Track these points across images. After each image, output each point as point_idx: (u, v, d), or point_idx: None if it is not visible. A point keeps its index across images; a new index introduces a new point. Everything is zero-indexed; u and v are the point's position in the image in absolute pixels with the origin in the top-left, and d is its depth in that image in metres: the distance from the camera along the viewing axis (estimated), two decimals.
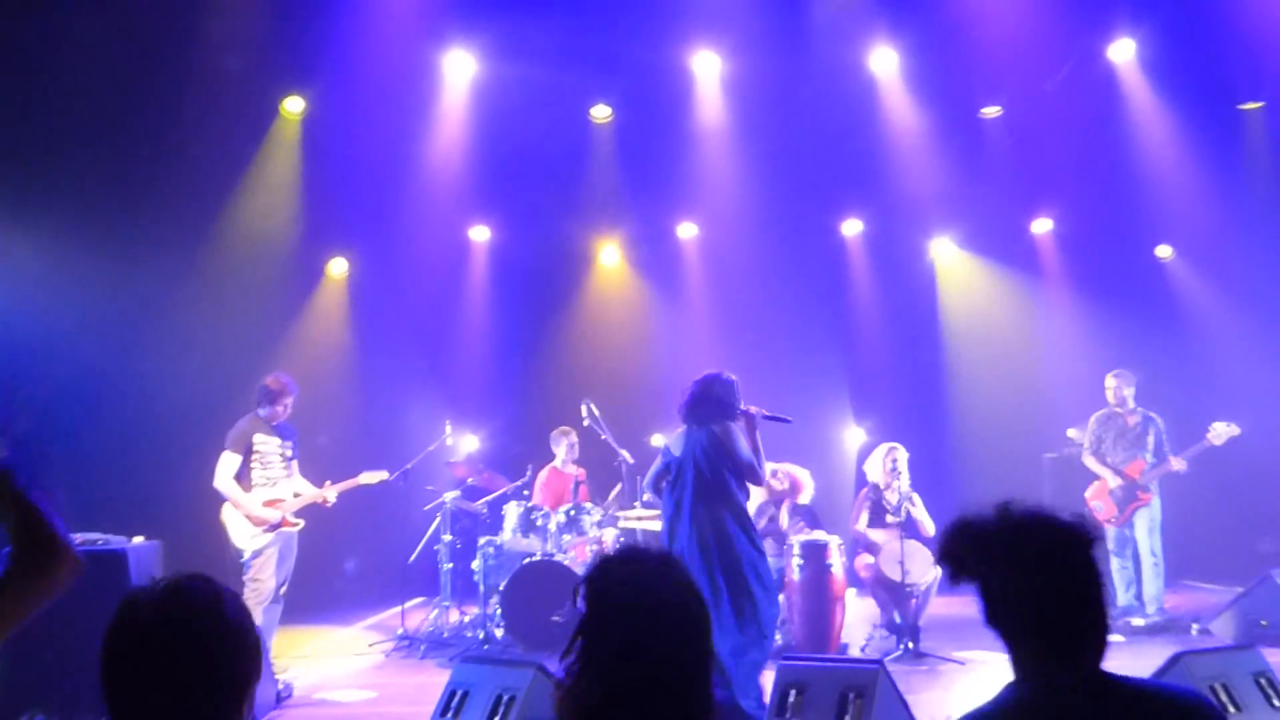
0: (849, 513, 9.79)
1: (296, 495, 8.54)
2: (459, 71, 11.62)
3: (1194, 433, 9.95)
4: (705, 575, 6.60)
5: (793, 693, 5.27)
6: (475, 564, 9.62)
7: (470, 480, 10.31)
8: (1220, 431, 9.61)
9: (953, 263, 14.16)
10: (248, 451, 8.33)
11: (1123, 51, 11.73)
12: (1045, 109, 12.11)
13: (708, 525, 6.80)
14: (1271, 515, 11.85)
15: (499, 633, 9.17)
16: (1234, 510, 11.81)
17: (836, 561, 8.59)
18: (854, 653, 8.80)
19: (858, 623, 9.44)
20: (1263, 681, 4.82)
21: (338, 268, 13.08)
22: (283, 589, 8.46)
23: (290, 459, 8.60)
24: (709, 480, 6.92)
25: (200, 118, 10.64)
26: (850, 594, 9.09)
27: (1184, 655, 4.86)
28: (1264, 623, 8.51)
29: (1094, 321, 13.23)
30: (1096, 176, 12.71)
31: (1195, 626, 9.14)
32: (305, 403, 9.12)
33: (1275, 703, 4.77)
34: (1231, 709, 4.67)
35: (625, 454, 9.99)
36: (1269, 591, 8.58)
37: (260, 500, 8.31)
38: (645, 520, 9.97)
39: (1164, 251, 13.49)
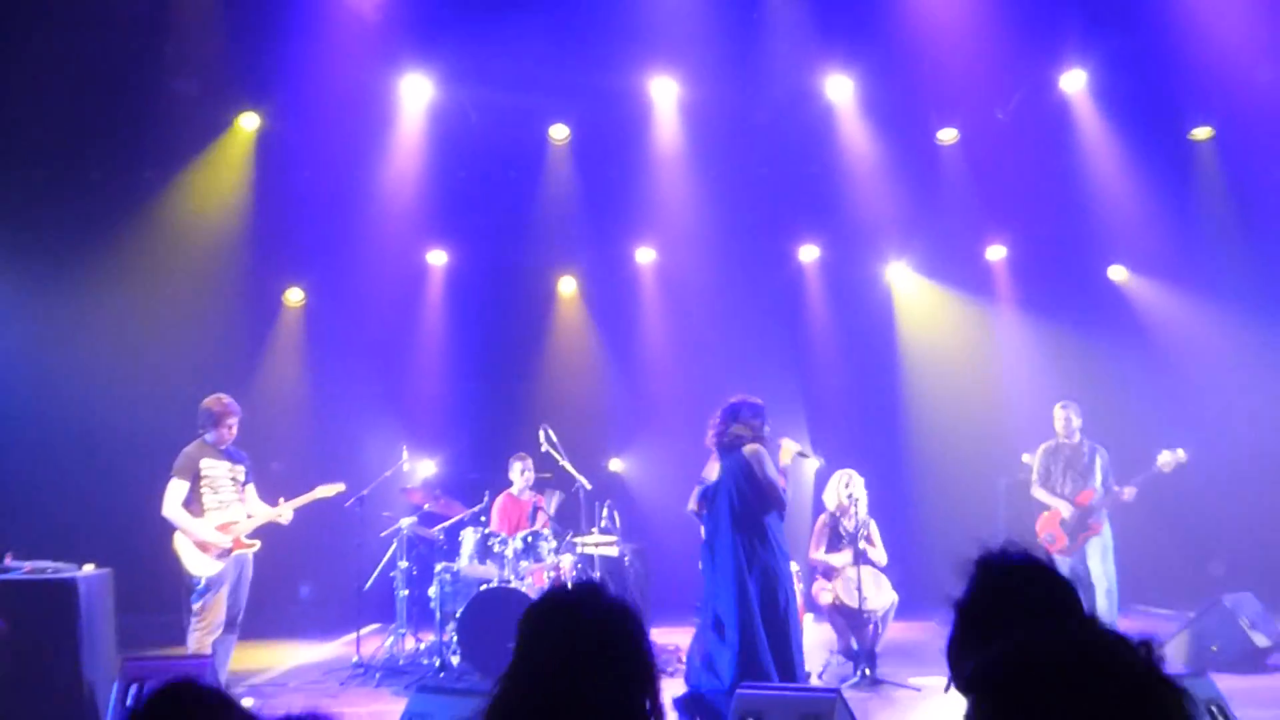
0: (806, 539, 9.81)
1: (250, 516, 8.45)
2: (416, 95, 11.61)
3: (1145, 457, 10.05)
4: (739, 593, 7.12)
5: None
6: (432, 591, 9.54)
7: (427, 506, 10.23)
8: (1167, 459, 9.67)
9: (909, 288, 14.27)
10: (195, 477, 8.22)
11: (1074, 82, 11.91)
12: (999, 137, 12.27)
13: (740, 547, 7.26)
14: (1220, 539, 12.01)
15: (455, 660, 9.09)
16: (1183, 534, 11.94)
17: (794, 588, 8.59)
18: (811, 680, 8.80)
19: (815, 649, 9.44)
20: (1214, 709, 4.87)
21: (294, 295, 13.01)
22: (238, 617, 8.36)
23: (243, 482, 8.50)
24: (739, 506, 7.36)
25: (154, 141, 10.58)
26: (808, 620, 9.11)
27: None
28: (1214, 647, 8.60)
29: (1048, 347, 13.38)
30: (1049, 203, 12.89)
31: None
32: (260, 428, 9.04)
33: None
34: None
35: (582, 479, 9.97)
36: (1219, 616, 8.68)
37: (212, 525, 8.21)
38: (603, 546, 9.96)
39: (1118, 274, 13.64)
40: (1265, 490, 11.67)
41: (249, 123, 11.50)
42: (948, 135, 12.56)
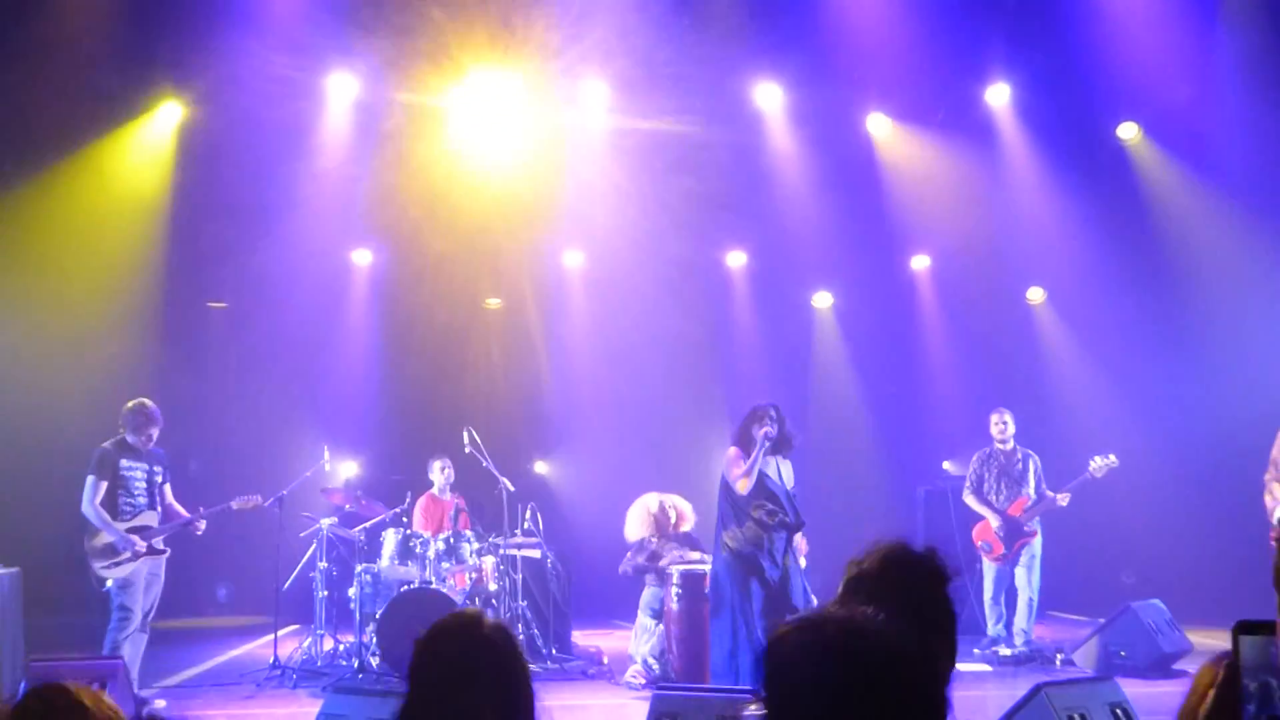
0: None
1: (164, 522, 8.33)
2: (341, 93, 11.51)
3: (1063, 468, 10.23)
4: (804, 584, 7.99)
5: None
6: (351, 591, 9.46)
7: (347, 507, 10.14)
8: (1100, 464, 9.83)
9: (834, 294, 14.41)
10: (113, 477, 8.10)
11: (998, 95, 12.12)
12: (926, 147, 12.45)
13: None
14: (1132, 548, 12.28)
15: (374, 661, 9.01)
16: (1097, 543, 12.19)
17: None
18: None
19: None
20: (1119, 712, 4.99)
21: (214, 296, 12.86)
22: (149, 618, 8.23)
23: (160, 485, 8.38)
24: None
25: (69, 135, 10.40)
26: None
27: (1044, 686, 5.01)
28: (1123, 654, 8.79)
29: (967, 356, 13.59)
30: (973, 215, 13.08)
31: (1059, 657, 9.39)
32: (178, 427, 8.91)
33: None
34: None
35: (506, 481, 9.94)
36: (1128, 623, 8.87)
37: (124, 528, 8.08)
38: (525, 549, 9.95)
39: (1034, 295, 13.89)
40: (1175, 503, 11.96)
41: (170, 120, 11.33)
42: (879, 126, 12.62)
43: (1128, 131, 12.27)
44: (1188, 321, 12.27)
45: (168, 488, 8.47)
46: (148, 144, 11.54)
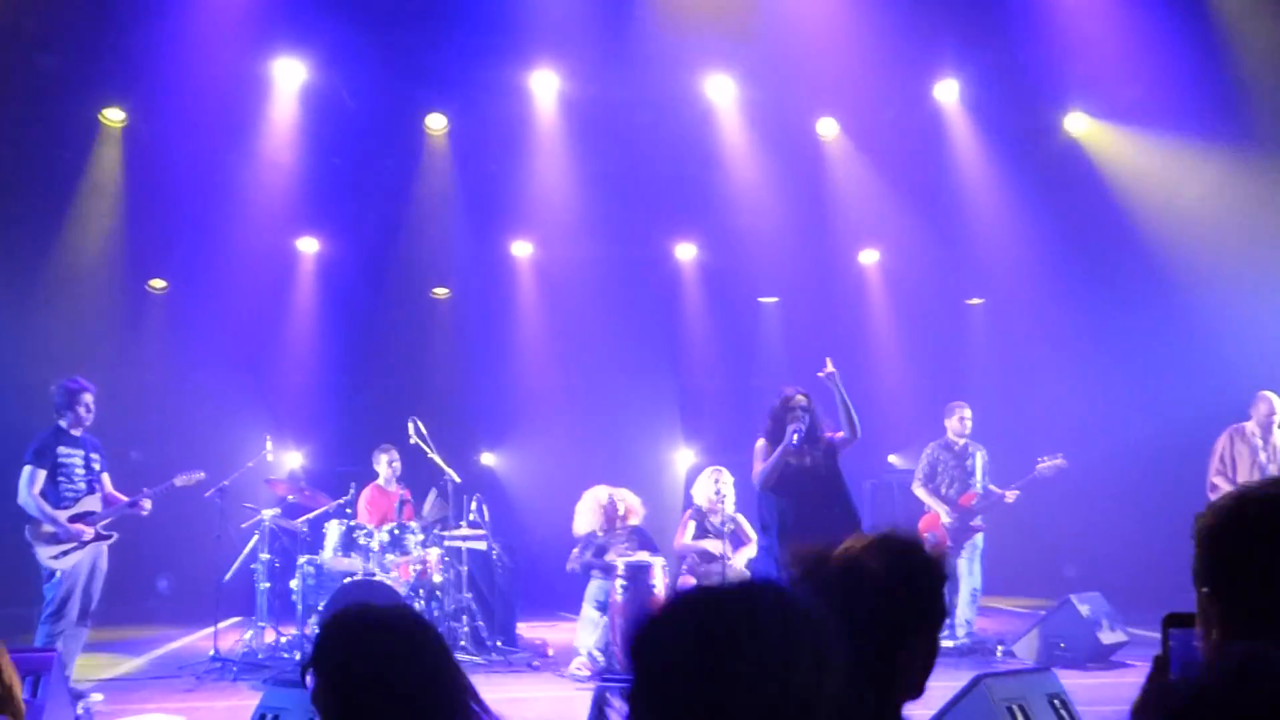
0: (677, 533, 9.86)
1: (109, 505, 8.20)
2: (288, 79, 11.37)
3: (1008, 464, 10.33)
4: None
5: (610, 715, 5.28)
6: (294, 583, 9.37)
7: (291, 498, 10.04)
8: (1048, 464, 9.96)
9: (783, 287, 14.45)
10: (52, 466, 7.96)
11: (947, 92, 12.18)
12: (876, 143, 12.49)
13: None
14: (1074, 542, 12.43)
15: None
16: (1040, 536, 12.33)
17: (660, 583, 8.64)
18: None
19: None
20: (1057, 703, 5.04)
21: (158, 281, 12.67)
22: (90, 609, 8.10)
23: (98, 471, 8.25)
24: None
25: (14, 128, 10.21)
26: None
27: (984, 677, 5.05)
28: (1062, 645, 8.89)
29: (913, 351, 13.69)
30: (922, 211, 13.17)
31: (1000, 648, 9.47)
32: (120, 415, 8.79)
33: None
34: None
35: (452, 473, 9.89)
36: (1068, 615, 8.97)
37: (68, 514, 7.95)
38: (471, 541, 9.89)
39: (978, 299, 14.05)
40: (1117, 498, 12.12)
41: (114, 114, 11.16)
42: (827, 128, 12.67)
43: (1077, 124, 12.37)
44: (1136, 319, 12.41)
45: (106, 477, 8.33)
46: (98, 144, 11.37)
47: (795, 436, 7.59)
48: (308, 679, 2.41)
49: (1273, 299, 11.19)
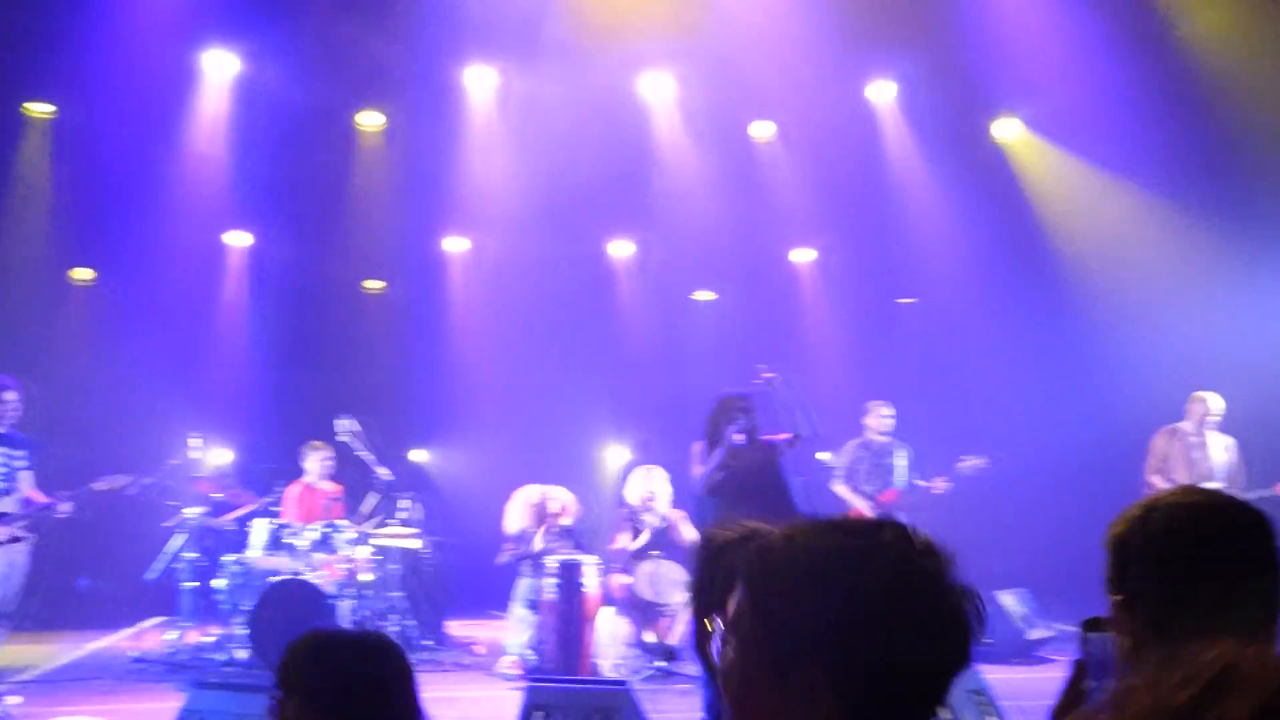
0: (609, 532, 9.86)
1: (28, 506, 8.02)
2: (219, 71, 11.19)
3: (939, 464, 10.44)
4: None
5: (539, 715, 5.25)
6: (219, 582, 9.22)
7: (217, 496, 9.88)
8: (969, 463, 10.13)
9: (717, 285, 14.50)
10: None
11: (882, 93, 12.28)
12: (811, 142, 12.55)
13: None
14: (1001, 537, 12.58)
15: (242, 654, 8.80)
16: (968, 532, 12.43)
17: (591, 582, 8.62)
18: (606, 671, 8.85)
19: (612, 642, 9.49)
20: (979, 698, 5.10)
21: (83, 272, 12.42)
22: (9, 609, 7.92)
23: (17, 469, 8.05)
24: None
25: None
26: (606, 613, 9.13)
27: None
28: (988, 640, 8.99)
29: (846, 350, 13.78)
30: (856, 211, 13.26)
31: None
32: (42, 411, 8.59)
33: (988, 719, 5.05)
34: None
35: (383, 471, 9.79)
36: (993, 611, 9.07)
37: None
38: (401, 539, 9.81)
39: (906, 300, 14.21)
40: (1044, 495, 12.28)
41: (41, 107, 10.95)
42: (761, 130, 12.72)
43: (1009, 129, 12.53)
44: (1065, 321, 12.58)
45: (28, 475, 8.14)
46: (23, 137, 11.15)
47: (735, 439, 7.61)
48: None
49: (1193, 306, 11.40)
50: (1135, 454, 9.69)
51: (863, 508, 10.08)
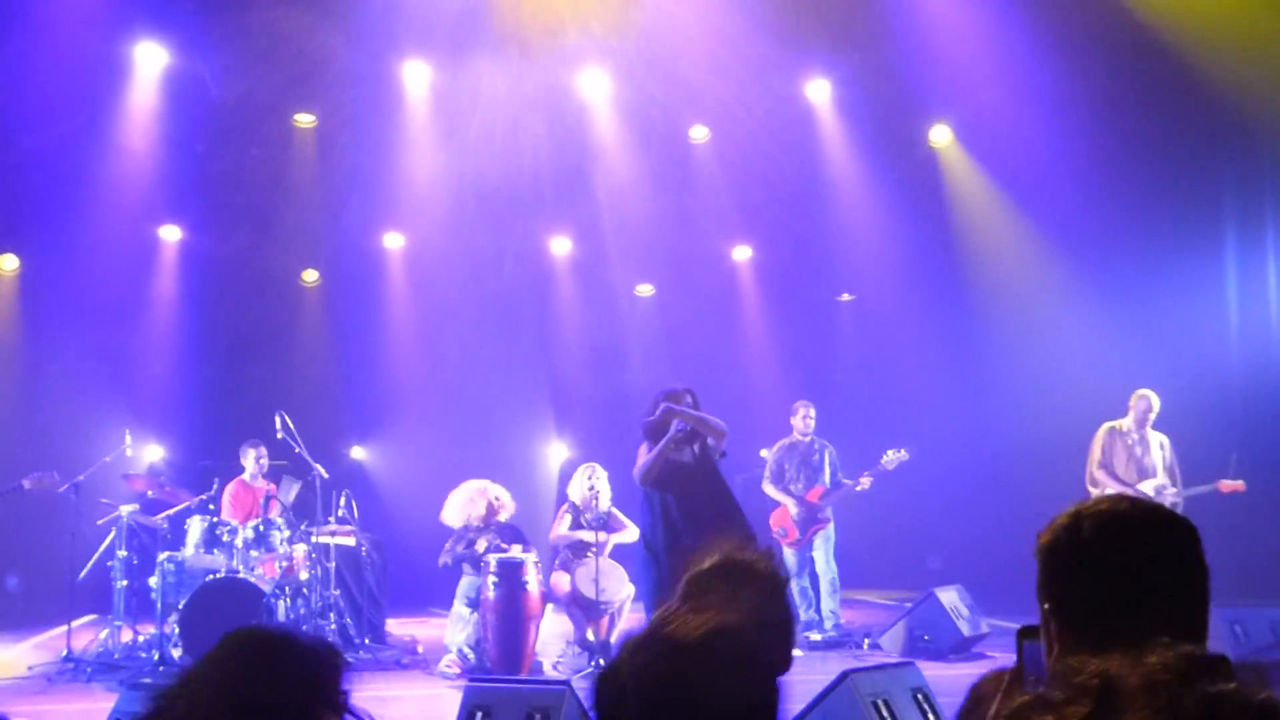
0: (548, 527, 9.83)
1: None
2: (149, 63, 11.01)
3: (870, 459, 10.55)
4: None
5: (479, 714, 5.23)
6: (153, 581, 9.06)
7: (150, 493, 9.72)
8: (891, 458, 10.30)
9: (656, 283, 14.52)
10: None
11: (819, 91, 12.36)
12: (748, 140, 12.61)
13: None
14: (937, 534, 12.75)
15: (177, 653, 8.65)
16: (905, 530, 12.62)
17: (533, 580, 8.58)
18: (547, 670, 8.83)
19: (553, 640, 9.48)
20: (920, 697, 5.17)
21: (8, 262, 12.16)
22: None
23: None
24: None
25: None
26: (546, 611, 9.11)
27: (850, 673, 5.14)
28: (926, 637, 9.11)
29: (784, 347, 13.87)
30: (791, 209, 13.35)
31: (867, 641, 9.66)
32: None
33: (930, 718, 5.12)
34: None
35: (319, 468, 9.68)
36: (931, 608, 9.19)
37: None
38: (339, 537, 9.72)
39: (845, 297, 14.35)
40: (977, 493, 12.44)
41: None
42: (699, 134, 12.80)
43: (941, 136, 12.70)
44: (997, 319, 12.76)
45: None
46: None
47: (676, 427, 7.48)
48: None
49: (1124, 305, 11.61)
50: (1070, 450, 9.86)
51: (790, 505, 10.23)
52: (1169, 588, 1.77)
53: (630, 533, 9.26)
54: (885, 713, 5.03)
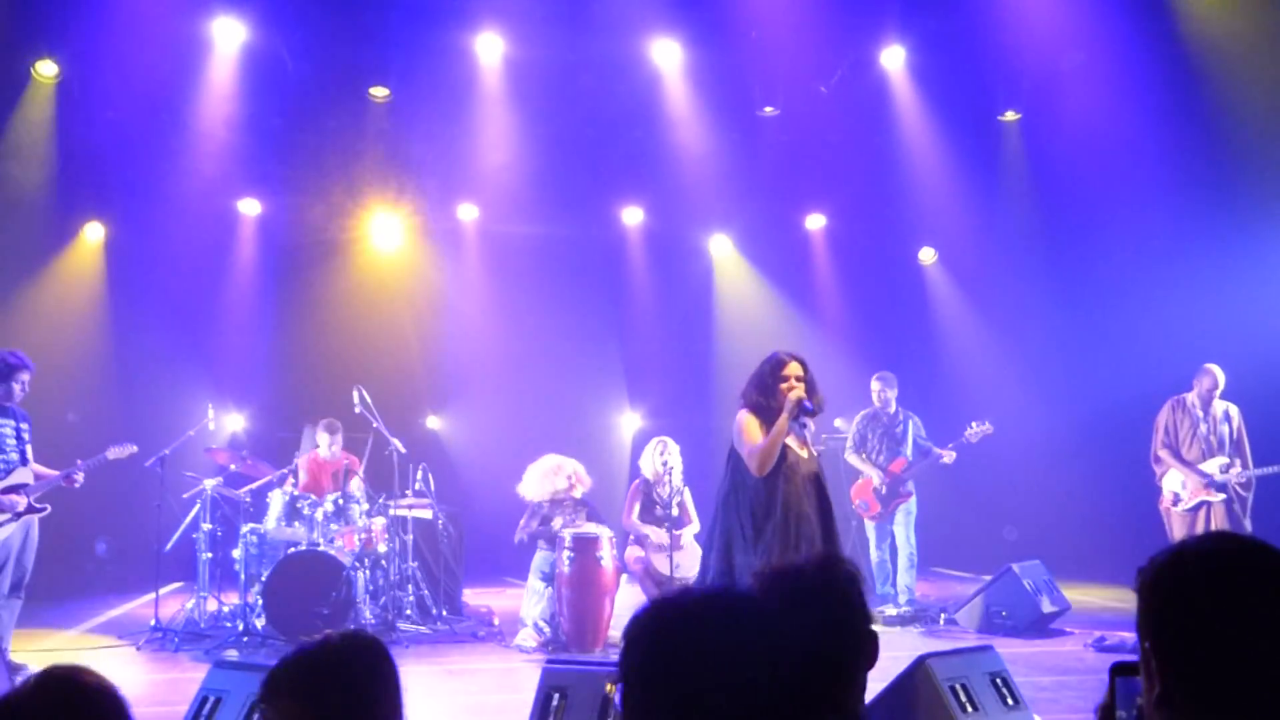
0: (623, 502, 9.86)
1: (39, 479, 8.03)
2: (228, 39, 11.13)
3: (948, 430, 10.44)
4: None
5: (555, 696, 5.26)
6: (236, 553, 9.26)
7: (233, 467, 9.90)
8: (975, 430, 10.14)
9: (728, 257, 14.43)
10: None
11: (893, 58, 12.16)
12: (820, 109, 12.44)
13: None
14: (1015, 506, 12.59)
15: (259, 623, 8.84)
16: (981, 503, 12.47)
17: (607, 555, 8.62)
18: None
19: (627, 614, 9.49)
20: (998, 682, 5.09)
21: (93, 233, 12.41)
22: (24, 581, 7.95)
23: (26, 443, 8.05)
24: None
25: None
26: (622, 583, 9.16)
27: (928, 658, 5.08)
28: (1004, 614, 9.02)
29: (860, 317, 13.74)
30: (866, 178, 13.18)
31: (943, 616, 9.59)
32: (53, 376, 8.58)
33: (1009, 702, 5.05)
34: (970, 709, 4.92)
35: (397, 442, 9.80)
36: (1009, 583, 9.08)
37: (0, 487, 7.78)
38: (416, 509, 9.83)
39: (926, 255, 14.14)
40: (1057, 464, 12.28)
41: (47, 69, 10.86)
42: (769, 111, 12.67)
43: (1011, 115, 12.55)
44: (1082, 288, 12.53)
45: (29, 449, 8.14)
46: (30, 97, 11.09)
47: (804, 409, 6.02)
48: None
49: (1199, 281, 11.33)
50: (1145, 423, 9.68)
51: (874, 476, 10.13)
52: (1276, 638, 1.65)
53: (694, 528, 9.26)
54: (964, 697, 4.97)
